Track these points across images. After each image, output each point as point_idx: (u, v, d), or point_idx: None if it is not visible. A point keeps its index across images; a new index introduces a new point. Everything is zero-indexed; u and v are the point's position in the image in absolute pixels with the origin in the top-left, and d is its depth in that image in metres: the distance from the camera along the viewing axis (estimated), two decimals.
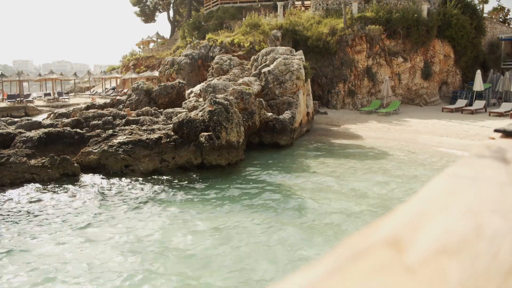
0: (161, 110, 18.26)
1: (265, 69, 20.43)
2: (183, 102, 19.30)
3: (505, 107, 24.63)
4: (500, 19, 38.63)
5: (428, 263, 0.47)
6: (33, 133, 14.15)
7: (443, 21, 28.72)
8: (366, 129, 20.79)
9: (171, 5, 53.49)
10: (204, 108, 14.30)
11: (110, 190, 11.51)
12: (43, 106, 31.13)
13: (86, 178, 12.58)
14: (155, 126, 15.12)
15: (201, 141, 13.29)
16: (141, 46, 51.72)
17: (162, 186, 11.79)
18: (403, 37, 28.06)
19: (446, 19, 28.74)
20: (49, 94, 37.87)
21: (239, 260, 7.32)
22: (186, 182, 12.22)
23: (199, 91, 19.91)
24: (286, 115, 17.74)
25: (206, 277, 6.80)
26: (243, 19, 32.89)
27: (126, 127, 14.90)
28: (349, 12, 28.40)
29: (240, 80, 20.07)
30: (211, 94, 15.92)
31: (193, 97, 20.01)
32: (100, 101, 27.53)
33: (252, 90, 17.07)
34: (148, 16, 53.77)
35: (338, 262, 0.48)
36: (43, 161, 12.21)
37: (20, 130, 14.91)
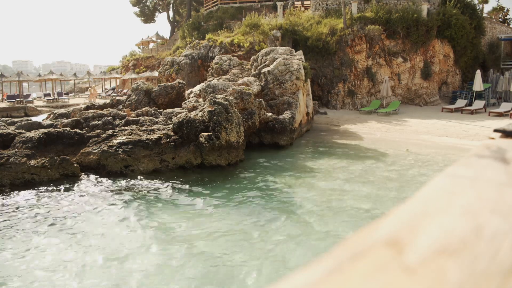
0: (161, 110, 18.25)
1: (265, 69, 20.43)
2: (183, 103, 19.29)
3: (504, 107, 24.64)
4: (500, 19, 38.63)
5: (427, 263, 0.47)
6: (33, 134, 14.14)
7: (443, 21, 28.72)
8: (366, 129, 20.79)
9: (171, 6, 53.50)
10: (204, 108, 14.30)
11: (110, 190, 11.51)
12: (42, 107, 31.13)
13: (86, 178, 12.58)
14: (155, 127, 15.12)
15: (201, 141, 13.29)
16: (141, 47, 51.72)
17: (162, 187, 11.79)
18: (402, 37, 28.06)
19: (446, 19, 28.75)
20: (48, 95, 37.85)
21: (238, 260, 7.32)
22: (186, 182, 12.22)
23: (198, 91, 19.91)
24: (286, 115, 17.74)
25: (206, 277, 6.80)
26: (243, 19, 32.91)
27: (126, 128, 14.90)
28: (348, 12, 28.41)
29: (240, 80, 20.07)
30: (210, 94, 15.91)
31: (192, 97, 20.00)
32: (100, 101, 27.53)
33: (251, 90, 17.06)
34: (147, 16, 53.77)
35: (338, 262, 0.48)
36: (43, 161, 12.20)
37: (20, 130, 14.90)
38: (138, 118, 16.29)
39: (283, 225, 8.90)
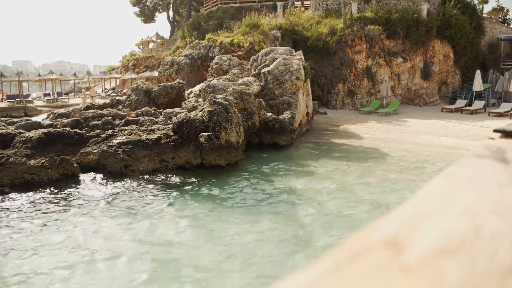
0: (161, 110, 18.25)
1: (265, 69, 20.43)
2: (183, 102, 19.29)
3: (504, 107, 24.64)
4: (500, 19, 38.62)
5: (426, 263, 0.47)
6: (32, 134, 14.14)
7: (443, 21, 28.72)
8: (366, 129, 20.79)
9: (171, 5, 53.47)
10: (203, 108, 14.30)
11: (109, 190, 11.50)
12: (42, 106, 31.12)
13: (85, 178, 12.57)
14: (154, 126, 15.12)
15: (201, 141, 13.28)
16: (141, 46, 51.68)
17: (162, 187, 11.79)
18: (402, 37, 28.06)
19: (446, 19, 28.75)
20: (48, 95, 37.84)
21: (236, 261, 7.32)
22: (185, 182, 12.22)
23: (198, 91, 19.91)
24: (286, 115, 17.74)
25: (203, 278, 6.79)
26: (243, 19, 32.90)
27: (126, 127, 14.89)
28: (348, 12, 28.41)
29: (240, 80, 20.07)
30: (210, 94, 15.91)
31: (192, 97, 20.00)
32: (99, 101, 27.51)
33: (251, 90, 17.06)
34: (147, 16, 53.74)
35: (337, 262, 0.48)
36: (43, 161, 12.20)
37: (20, 130, 14.89)
38: (138, 118, 16.29)
39: (281, 225, 8.90)
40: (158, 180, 12.37)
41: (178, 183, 12.15)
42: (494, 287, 0.44)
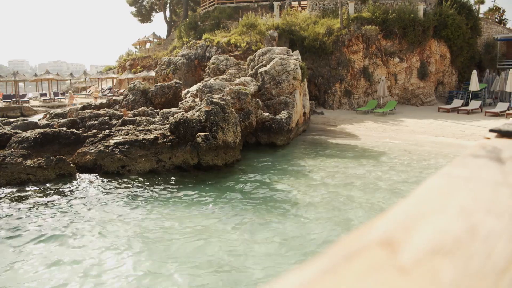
0: (158, 110, 18.22)
1: (262, 69, 20.43)
2: (180, 102, 19.27)
3: (500, 107, 24.72)
4: (496, 20, 38.74)
5: (422, 263, 0.47)
6: (29, 134, 14.09)
7: (439, 21, 28.81)
8: (363, 129, 20.82)
9: (168, 5, 53.36)
10: (200, 108, 14.28)
11: (106, 190, 11.48)
12: (39, 106, 31.04)
13: (82, 178, 12.54)
14: (151, 126, 15.09)
15: (198, 141, 13.27)
16: (138, 46, 51.62)
17: (159, 187, 11.77)
18: (399, 37, 28.12)
19: (442, 19, 28.84)
20: (45, 95, 37.75)
21: (233, 261, 7.32)
22: (182, 182, 12.20)
23: (195, 91, 19.89)
24: (283, 115, 17.75)
25: (200, 278, 6.79)
26: (240, 19, 32.89)
27: (123, 127, 14.86)
28: (345, 12, 28.45)
29: (237, 80, 20.07)
30: (207, 94, 15.90)
31: (189, 97, 19.98)
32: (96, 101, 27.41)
33: (248, 90, 17.06)
34: (144, 16, 53.61)
35: (332, 262, 0.48)
36: (39, 161, 12.16)
37: (16, 130, 14.84)
38: (135, 118, 16.26)
39: (278, 224, 8.90)
40: (154, 180, 12.35)
41: (174, 183, 12.14)
42: (489, 286, 0.44)
